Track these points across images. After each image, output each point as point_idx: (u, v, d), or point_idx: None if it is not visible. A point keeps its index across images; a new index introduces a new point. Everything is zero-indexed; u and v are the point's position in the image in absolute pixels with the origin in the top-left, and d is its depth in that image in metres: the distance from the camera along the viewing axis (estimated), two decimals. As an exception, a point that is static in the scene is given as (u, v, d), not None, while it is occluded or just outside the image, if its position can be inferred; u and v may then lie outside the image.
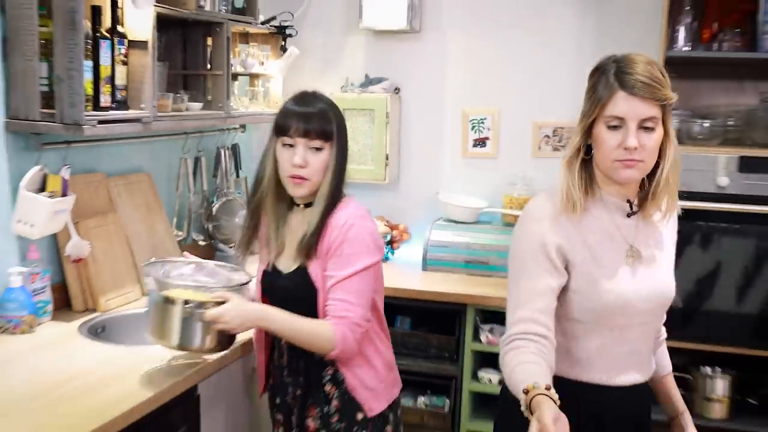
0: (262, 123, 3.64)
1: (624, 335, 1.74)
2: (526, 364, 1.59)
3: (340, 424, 2.07)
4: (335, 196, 2.05)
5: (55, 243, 2.60)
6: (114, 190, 2.86)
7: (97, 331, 2.51)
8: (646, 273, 1.74)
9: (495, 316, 3.20)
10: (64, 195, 2.46)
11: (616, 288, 1.70)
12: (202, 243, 3.37)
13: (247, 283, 2.05)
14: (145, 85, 2.59)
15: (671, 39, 3.05)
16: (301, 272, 2.05)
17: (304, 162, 1.95)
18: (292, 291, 2.01)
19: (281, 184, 2.04)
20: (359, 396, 2.06)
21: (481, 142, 3.66)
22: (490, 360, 3.24)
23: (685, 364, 3.07)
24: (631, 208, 1.74)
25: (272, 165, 2.03)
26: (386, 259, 3.57)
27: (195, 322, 1.94)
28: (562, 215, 1.71)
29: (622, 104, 1.62)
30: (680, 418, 1.89)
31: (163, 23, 2.76)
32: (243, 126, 3.61)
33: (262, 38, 3.53)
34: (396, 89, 3.72)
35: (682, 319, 2.98)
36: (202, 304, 1.94)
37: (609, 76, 1.64)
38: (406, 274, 3.48)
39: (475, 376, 3.25)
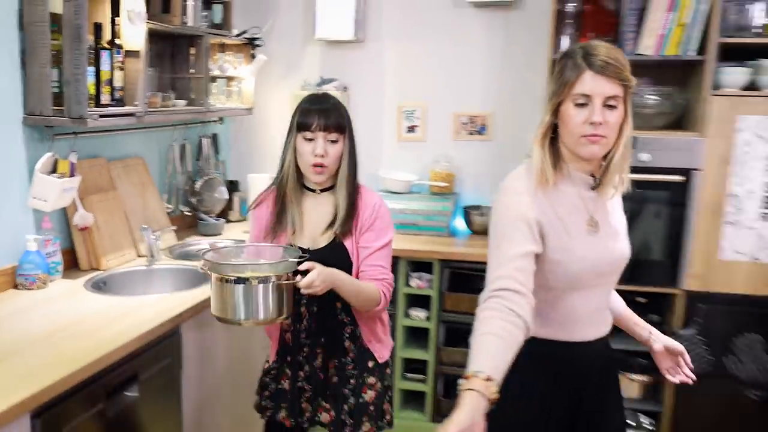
0: (237, 116, 3.68)
1: (590, 296, 1.65)
2: (489, 336, 1.41)
3: (354, 371, 2.03)
4: (355, 180, 2.01)
5: (65, 215, 2.61)
6: (114, 172, 2.87)
7: (100, 286, 2.51)
8: (606, 240, 1.63)
9: (423, 266, 3.28)
10: (71, 176, 2.48)
11: (586, 255, 1.60)
12: (188, 214, 3.38)
13: (303, 256, 1.84)
14: (138, 86, 2.61)
15: (557, 45, 3.07)
16: (339, 247, 1.98)
17: (324, 152, 1.91)
18: (329, 263, 1.85)
19: (300, 173, 1.98)
20: (372, 347, 2.05)
21: (412, 129, 3.68)
22: (419, 301, 3.33)
23: None
24: (595, 181, 1.62)
25: (293, 157, 1.96)
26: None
27: (276, 294, 1.81)
28: (538, 190, 1.59)
29: (589, 82, 1.51)
30: (652, 337, 1.79)
31: (153, 36, 2.78)
32: (221, 119, 3.64)
33: (236, 48, 3.53)
34: (345, 87, 3.71)
35: None
36: (279, 277, 1.81)
37: (576, 58, 1.53)
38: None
39: (407, 315, 3.32)
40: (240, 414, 2.64)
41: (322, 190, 2.02)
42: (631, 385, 3.08)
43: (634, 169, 1.62)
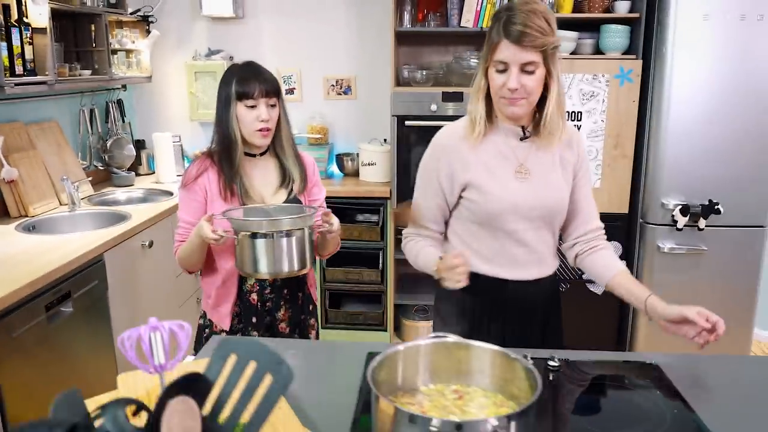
0: (138, 83, 3.72)
1: (520, 238, 1.54)
2: (426, 248, 1.55)
3: (301, 316, 1.90)
4: (294, 141, 1.90)
5: None
6: (32, 133, 2.89)
7: (29, 228, 2.58)
8: (534, 186, 1.53)
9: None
10: None
11: (504, 196, 1.52)
12: (101, 168, 3.44)
13: (316, 210, 1.73)
14: (47, 58, 2.64)
15: (400, 20, 3.23)
16: (295, 201, 1.85)
17: (268, 117, 1.76)
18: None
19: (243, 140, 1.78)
20: (312, 292, 1.96)
21: (291, 91, 3.76)
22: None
23: None
24: (524, 132, 1.53)
25: (236, 125, 1.75)
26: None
27: (302, 244, 1.64)
28: (462, 141, 1.53)
29: (505, 51, 1.40)
30: (648, 302, 1.43)
31: (58, 15, 2.82)
32: (125, 86, 3.66)
33: (132, 24, 3.54)
34: (231, 57, 3.73)
35: None
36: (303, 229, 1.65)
37: (499, 24, 1.41)
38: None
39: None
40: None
41: (261, 154, 1.86)
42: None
43: (461, 117, 1.56)
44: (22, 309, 1.91)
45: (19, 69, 2.51)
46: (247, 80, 1.76)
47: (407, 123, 3.23)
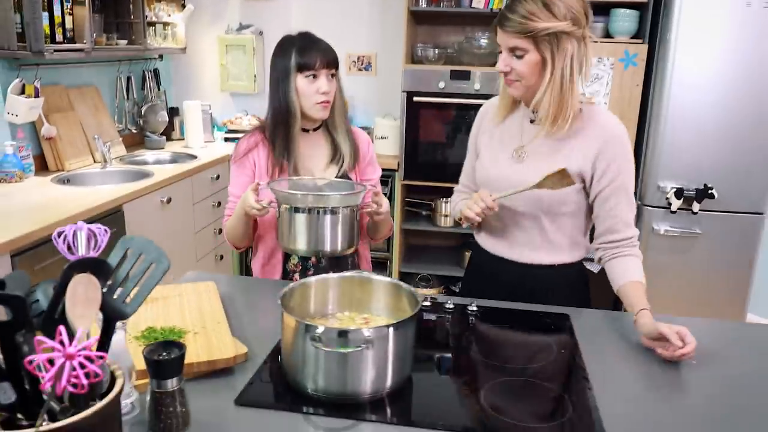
0: (173, 54, 4.01)
1: (516, 218, 1.59)
2: (461, 202, 1.69)
3: None
4: (347, 116, 1.84)
5: (34, 128, 2.95)
6: (72, 96, 3.19)
7: (64, 181, 2.85)
8: (524, 169, 1.54)
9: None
10: (36, 97, 2.81)
11: (492, 171, 1.59)
12: (135, 131, 3.73)
13: (365, 188, 1.62)
14: (85, 28, 2.91)
15: (416, 0, 3.36)
16: (346, 178, 1.78)
17: (329, 88, 1.69)
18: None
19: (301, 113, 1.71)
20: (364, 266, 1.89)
21: None
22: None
23: (430, 194, 3.67)
24: (534, 116, 1.55)
25: (296, 98, 1.68)
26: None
27: (347, 222, 1.56)
28: (495, 112, 1.63)
29: (499, 36, 1.46)
30: (638, 315, 1.38)
31: (98, -11, 3.14)
32: (161, 56, 3.95)
33: (169, -1, 3.82)
34: (260, 32, 3.95)
35: (434, 166, 3.52)
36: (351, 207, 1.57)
37: (500, 10, 1.47)
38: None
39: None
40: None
41: (314, 129, 1.80)
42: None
43: (469, 96, 1.57)
44: (45, 246, 2.20)
45: (59, 37, 2.81)
46: (307, 51, 1.69)
47: (415, 99, 3.40)
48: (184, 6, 3.85)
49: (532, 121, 1.57)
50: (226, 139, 3.99)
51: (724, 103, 3.01)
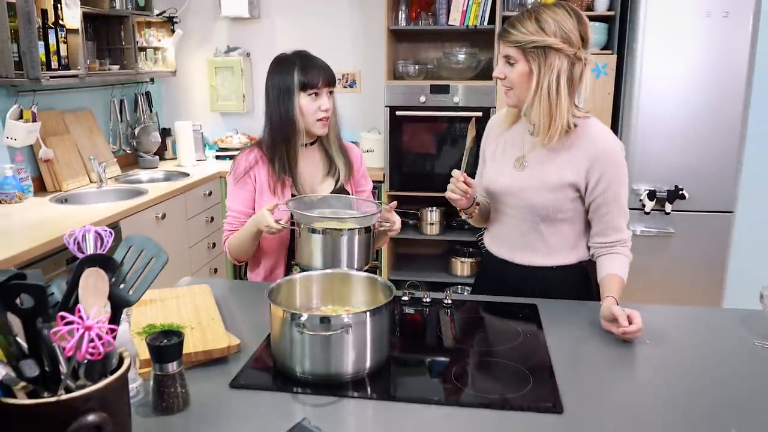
0: (164, 77, 4.14)
1: (516, 224, 1.69)
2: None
3: None
4: (340, 131, 1.89)
5: (32, 151, 3.08)
6: (67, 120, 3.32)
7: (62, 201, 2.98)
8: (524, 178, 1.63)
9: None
10: (33, 121, 2.94)
11: (496, 179, 1.68)
12: (128, 152, 3.87)
13: (380, 209, 1.68)
14: (79, 55, 3.05)
15: (396, 18, 3.53)
16: (342, 191, 1.85)
17: (329, 106, 1.76)
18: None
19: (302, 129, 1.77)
20: None
21: None
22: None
23: (416, 203, 3.76)
24: (533, 128, 1.63)
25: (300, 116, 1.74)
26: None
27: (363, 242, 1.61)
28: (502, 123, 1.75)
29: (500, 45, 1.59)
30: (604, 300, 1.51)
31: (91, 17, 3.27)
32: (152, 79, 4.10)
33: (159, 24, 3.95)
34: (248, 54, 4.10)
35: (419, 177, 3.64)
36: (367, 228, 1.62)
37: None
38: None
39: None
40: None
41: (310, 144, 1.86)
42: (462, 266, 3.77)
43: (449, 108, 1.67)
44: (48, 260, 2.32)
45: (54, 64, 2.95)
46: (309, 69, 1.74)
47: (397, 113, 3.55)
48: (173, 31, 3.99)
49: (531, 133, 1.66)
50: (217, 157, 4.13)
51: (691, 108, 3.18)
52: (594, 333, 1.50)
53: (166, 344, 1.13)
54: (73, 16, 3.06)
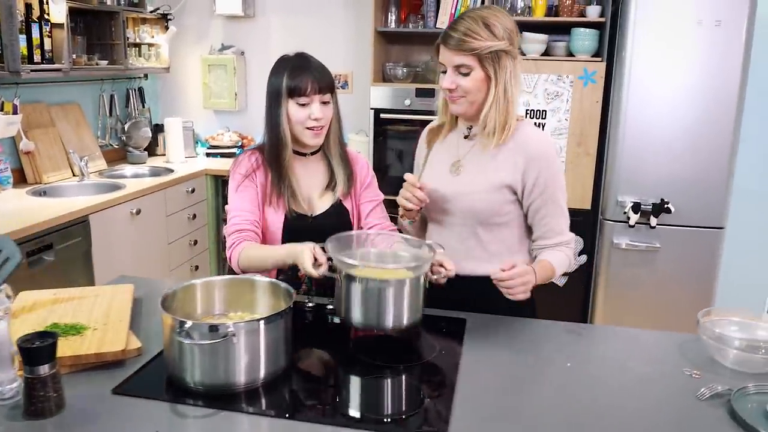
0: (158, 73, 4.16)
1: (454, 230, 1.64)
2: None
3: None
4: (344, 140, 1.77)
5: (14, 143, 3.10)
6: (53, 113, 3.34)
7: (40, 193, 3.01)
8: (461, 182, 1.60)
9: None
10: (14, 113, 2.96)
11: (432, 183, 1.62)
12: (117, 147, 3.89)
13: (432, 254, 1.40)
14: (63, 49, 3.07)
15: (386, 20, 3.50)
16: (341, 209, 1.73)
17: (321, 115, 1.61)
18: (332, 227, 1.55)
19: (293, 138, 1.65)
20: None
21: None
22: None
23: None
24: (468, 132, 1.62)
25: (287, 123, 1.62)
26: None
27: (412, 294, 1.36)
28: (436, 131, 1.71)
29: (442, 54, 1.52)
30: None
31: (82, 12, 3.28)
32: (146, 75, 4.12)
33: (153, 21, 3.96)
34: (242, 52, 4.09)
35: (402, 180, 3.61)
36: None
37: (444, 31, 1.52)
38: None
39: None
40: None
41: (312, 153, 1.73)
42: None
43: (433, 113, 1.62)
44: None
45: (37, 58, 2.96)
46: (298, 74, 1.60)
47: (382, 116, 3.50)
48: (167, 28, 3.99)
49: (466, 137, 1.63)
50: (208, 155, 4.12)
51: (681, 118, 3.07)
52: (516, 353, 1.43)
53: (35, 346, 1.09)
54: (58, 11, 3.08)
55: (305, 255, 1.40)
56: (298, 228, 1.67)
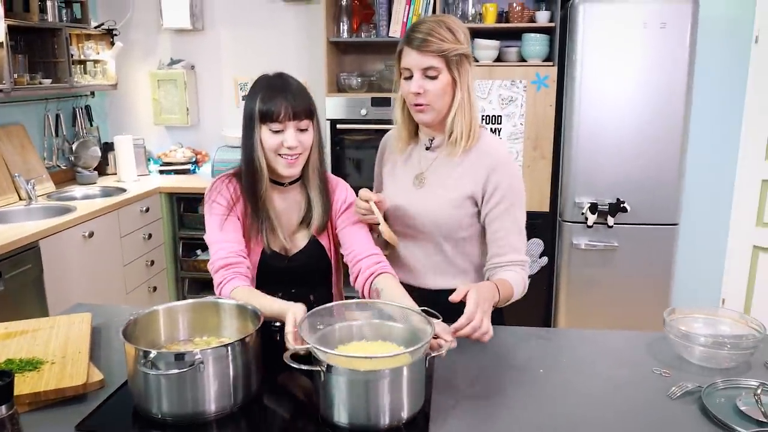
0: (105, 90, 4.04)
1: (419, 245, 1.62)
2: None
3: None
4: (325, 171, 1.62)
5: None
6: (-5, 136, 3.23)
7: None
8: (424, 195, 1.58)
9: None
10: None
11: (395, 197, 1.60)
12: (65, 167, 3.75)
13: (433, 330, 1.18)
14: (4, 69, 2.95)
15: (338, 30, 3.46)
16: (317, 246, 1.62)
17: (296, 143, 1.47)
18: (311, 266, 1.55)
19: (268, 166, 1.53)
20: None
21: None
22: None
23: None
24: (430, 143, 1.59)
25: (261, 152, 1.50)
26: (194, 171, 4.04)
27: (412, 382, 1.11)
28: (390, 145, 1.68)
29: (408, 57, 1.47)
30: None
31: (22, 30, 3.16)
32: (93, 93, 4.00)
33: (98, 37, 3.85)
34: (192, 66, 4.01)
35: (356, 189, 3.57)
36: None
37: (405, 35, 1.49)
38: (204, 180, 3.98)
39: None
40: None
41: (290, 183, 1.59)
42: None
43: (389, 122, 1.54)
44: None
45: (-25, 79, 2.85)
46: (272, 97, 1.47)
47: (338, 126, 3.48)
48: (113, 44, 3.89)
49: (427, 148, 1.61)
50: (161, 172, 4.02)
51: (631, 119, 3.15)
52: (488, 363, 1.43)
53: (-10, 388, 1.03)
54: (-4, 29, 2.95)
55: (289, 331, 1.25)
56: (272, 269, 1.58)
